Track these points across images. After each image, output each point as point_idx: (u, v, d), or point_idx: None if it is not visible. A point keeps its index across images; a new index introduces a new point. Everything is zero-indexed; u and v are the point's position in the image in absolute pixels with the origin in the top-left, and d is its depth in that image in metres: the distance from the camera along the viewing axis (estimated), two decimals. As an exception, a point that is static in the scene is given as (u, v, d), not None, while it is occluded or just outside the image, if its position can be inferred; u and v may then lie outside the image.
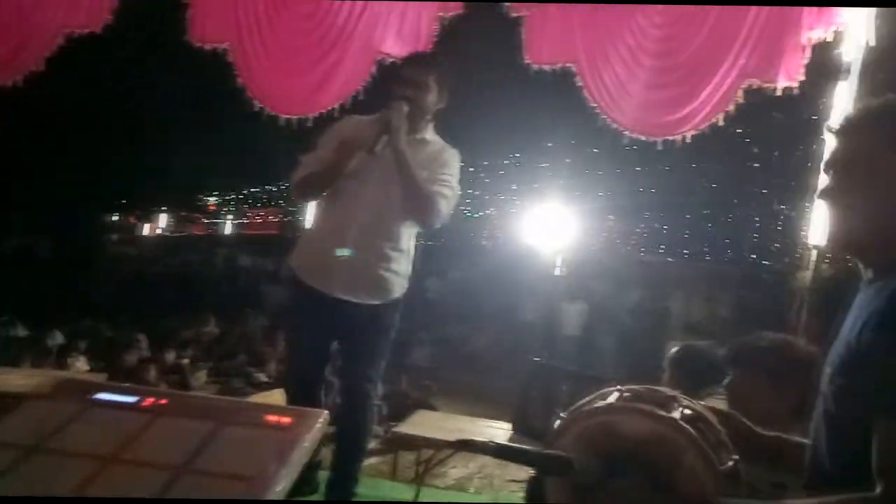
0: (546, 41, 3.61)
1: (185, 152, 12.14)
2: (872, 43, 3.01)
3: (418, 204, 2.56)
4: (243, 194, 25.21)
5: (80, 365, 6.04)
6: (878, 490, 0.99)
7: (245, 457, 0.97)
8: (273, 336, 8.29)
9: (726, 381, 2.06)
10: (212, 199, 23.33)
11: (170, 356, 6.57)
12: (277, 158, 9.43)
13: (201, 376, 6.32)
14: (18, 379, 3.29)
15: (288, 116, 3.88)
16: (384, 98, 2.71)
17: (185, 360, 6.69)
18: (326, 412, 1.10)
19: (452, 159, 2.73)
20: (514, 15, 3.59)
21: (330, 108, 3.90)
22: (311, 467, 2.75)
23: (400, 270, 2.67)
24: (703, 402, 1.40)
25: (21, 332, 6.86)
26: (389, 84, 2.71)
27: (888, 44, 2.97)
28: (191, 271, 15.01)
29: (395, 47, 3.76)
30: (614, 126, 3.63)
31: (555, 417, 1.28)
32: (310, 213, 2.95)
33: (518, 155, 16.04)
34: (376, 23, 3.74)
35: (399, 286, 2.68)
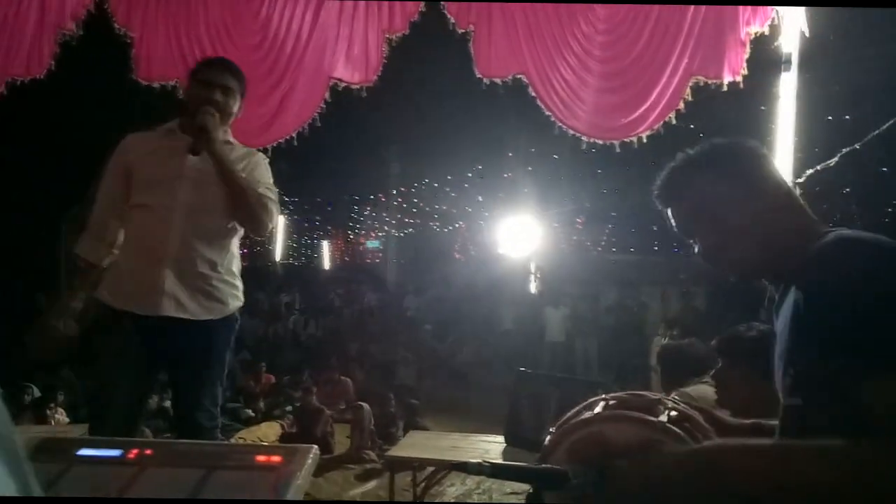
0: (494, 54, 3.68)
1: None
2: (808, 34, 3.15)
3: (251, 208, 2.42)
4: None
5: (60, 418, 5.87)
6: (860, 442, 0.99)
7: (239, 500, 0.98)
8: (256, 370, 8.21)
9: (713, 371, 2.10)
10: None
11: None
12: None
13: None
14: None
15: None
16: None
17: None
18: (317, 447, 1.11)
19: (263, 161, 2.63)
20: (461, 31, 3.67)
21: (287, 136, 3.91)
22: None
23: (232, 280, 2.49)
24: (689, 401, 1.45)
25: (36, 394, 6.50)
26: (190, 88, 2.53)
27: (823, 34, 3.10)
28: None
29: (345, 72, 3.79)
30: (571, 132, 3.72)
31: (547, 428, 1.29)
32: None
33: (480, 167, 16.14)
34: (325, 48, 3.77)
35: (234, 297, 2.49)
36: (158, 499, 0.89)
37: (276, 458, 1.04)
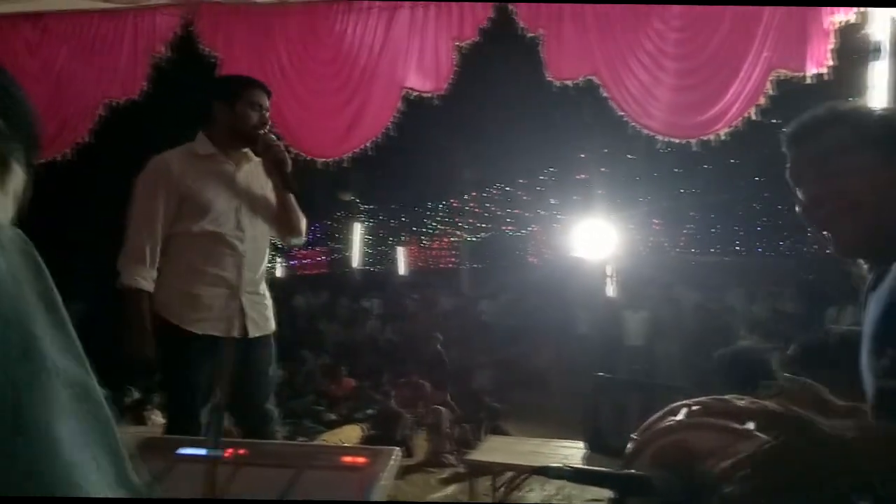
0: (565, 57, 3.64)
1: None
2: (900, 19, 2.98)
3: (298, 223, 2.72)
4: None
5: (157, 419, 6.18)
6: None
7: (327, 499, 1.03)
8: (337, 374, 8.42)
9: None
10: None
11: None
12: (319, 200, 9.61)
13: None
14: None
15: (324, 160, 4.00)
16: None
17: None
18: (399, 449, 1.15)
19: None
20: (531, 35, 3.66)
21: (363, 147, 4.01)
22: None
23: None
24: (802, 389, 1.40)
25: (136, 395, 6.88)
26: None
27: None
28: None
29: (417, 81, 3.85)
30: (645, 132, 3.64)
31: (628, 433, 1.28)
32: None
33: (553, 169, 16.02)
34: (397, 59, 3.84)
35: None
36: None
37: (361, 459, 1.09)
